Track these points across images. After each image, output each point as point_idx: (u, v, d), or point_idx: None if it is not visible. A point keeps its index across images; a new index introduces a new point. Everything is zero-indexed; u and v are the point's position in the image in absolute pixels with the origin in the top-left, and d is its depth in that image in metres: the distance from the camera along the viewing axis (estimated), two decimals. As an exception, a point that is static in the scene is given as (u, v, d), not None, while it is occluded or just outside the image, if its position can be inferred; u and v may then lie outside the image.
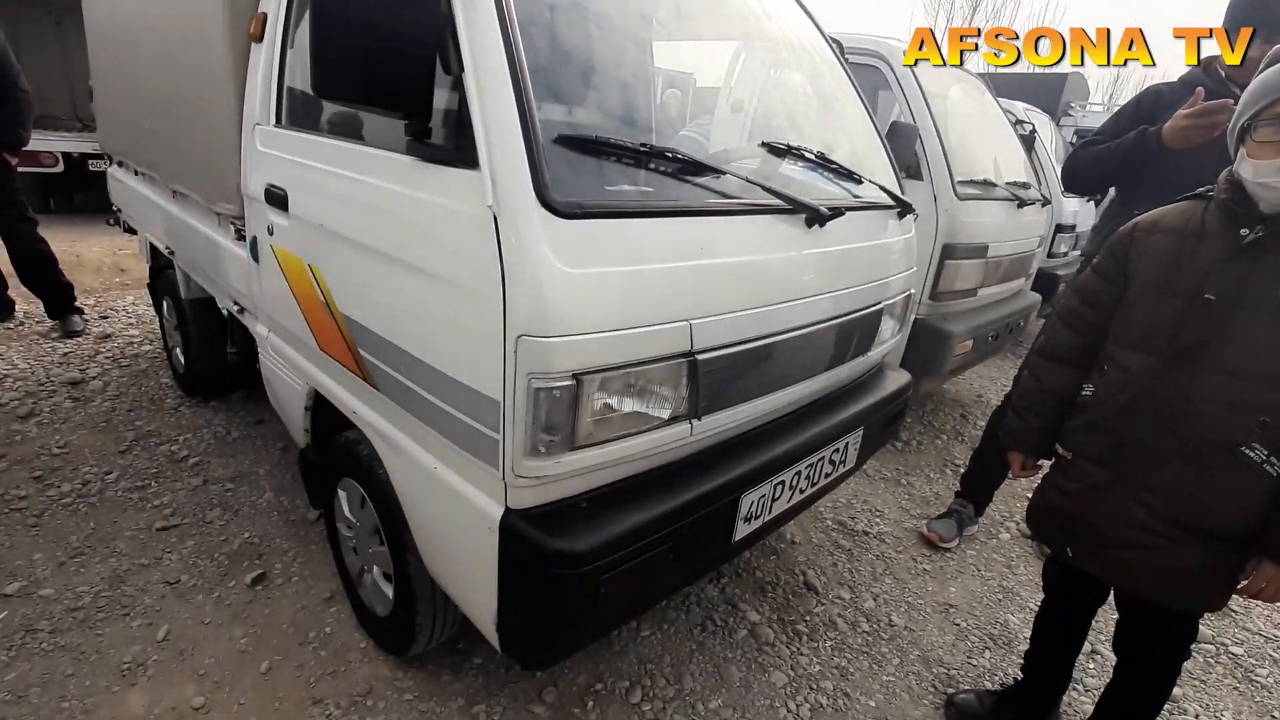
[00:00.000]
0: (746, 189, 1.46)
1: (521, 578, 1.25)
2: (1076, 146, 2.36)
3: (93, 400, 3.14)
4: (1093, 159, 2.21)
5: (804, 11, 2.17)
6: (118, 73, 2.90)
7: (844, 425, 1.81)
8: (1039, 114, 5.09)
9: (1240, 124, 1.27)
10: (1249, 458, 1.23)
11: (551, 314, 1.09)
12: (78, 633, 1.87)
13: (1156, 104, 2.15)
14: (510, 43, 1.15)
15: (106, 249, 5.81)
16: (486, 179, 1.11)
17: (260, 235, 1.86)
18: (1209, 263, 1.28)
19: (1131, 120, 2.16)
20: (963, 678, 2.01)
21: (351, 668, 1.84)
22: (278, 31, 1.76)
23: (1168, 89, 2.19)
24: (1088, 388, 1.45)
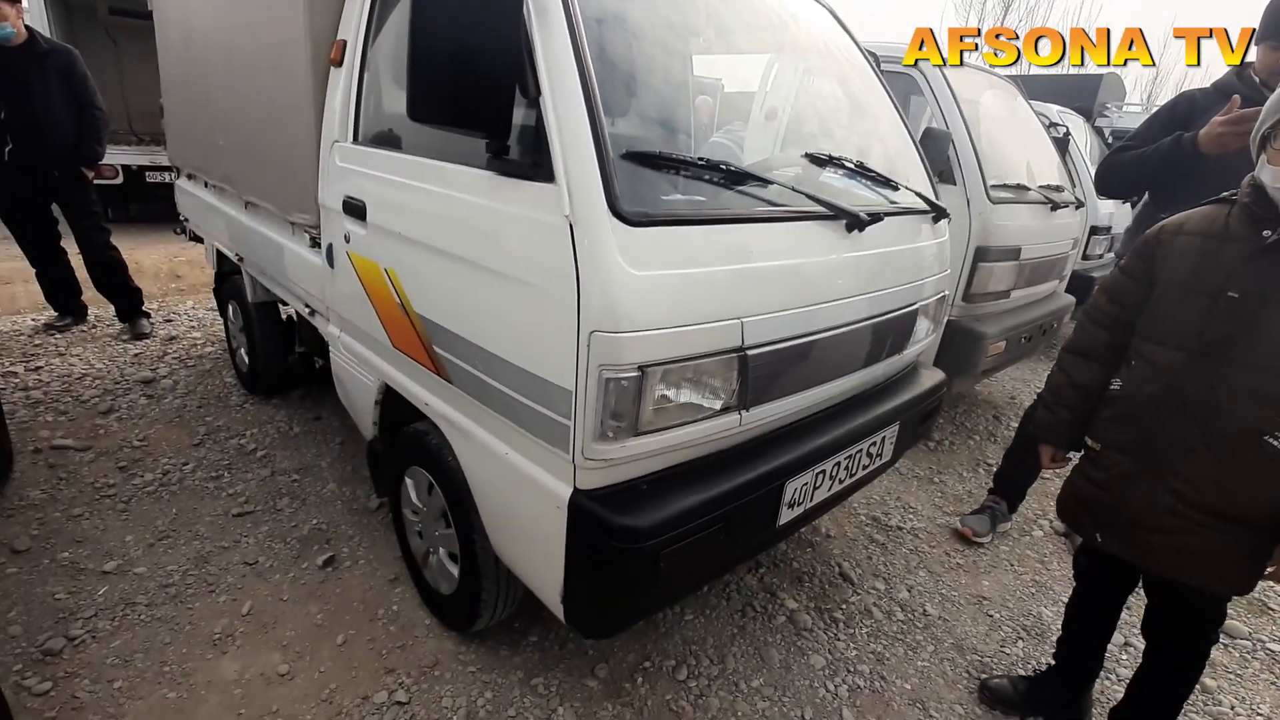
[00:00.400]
0: (790, 196, 1.58)
1: (588, 552, 1.37)
2: (1111, 151, 2.42)
3: (165, 397, 3.37)
4: (1128, 164, 2.27)
5: (841, 26, 2.28)
6: (192, 92, 3.12)
7: (881, 420, 1.90)
8: (1073, 116, 5.11)
9: (1262, 132, 1.35)
10: (1273, 447, 1.30)
11: (621, 312, 1.22)
12: (170, 606, 2.04)
13: (1190, 110, 2.21)
14: (583, 68, 1.29)
15: (162, 257, 6.13)
16: (563, 191, 1.25)
17: (336, 243, 2.02)
18: (1233, 263, 1.35)
19: (1165, 126, 2.22)
20: (996, 665, 2.08)
21: (419, 642, 1.98)
22: (356, 57, 1.93)
23: (1201, 95, 2.24)
24: (1116, 382, 1.53)
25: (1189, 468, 1.39)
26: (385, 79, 1.93)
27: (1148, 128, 2.28)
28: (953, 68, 3.14)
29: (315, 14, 1.99)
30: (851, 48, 2.26)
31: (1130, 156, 2.23)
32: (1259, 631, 2.36)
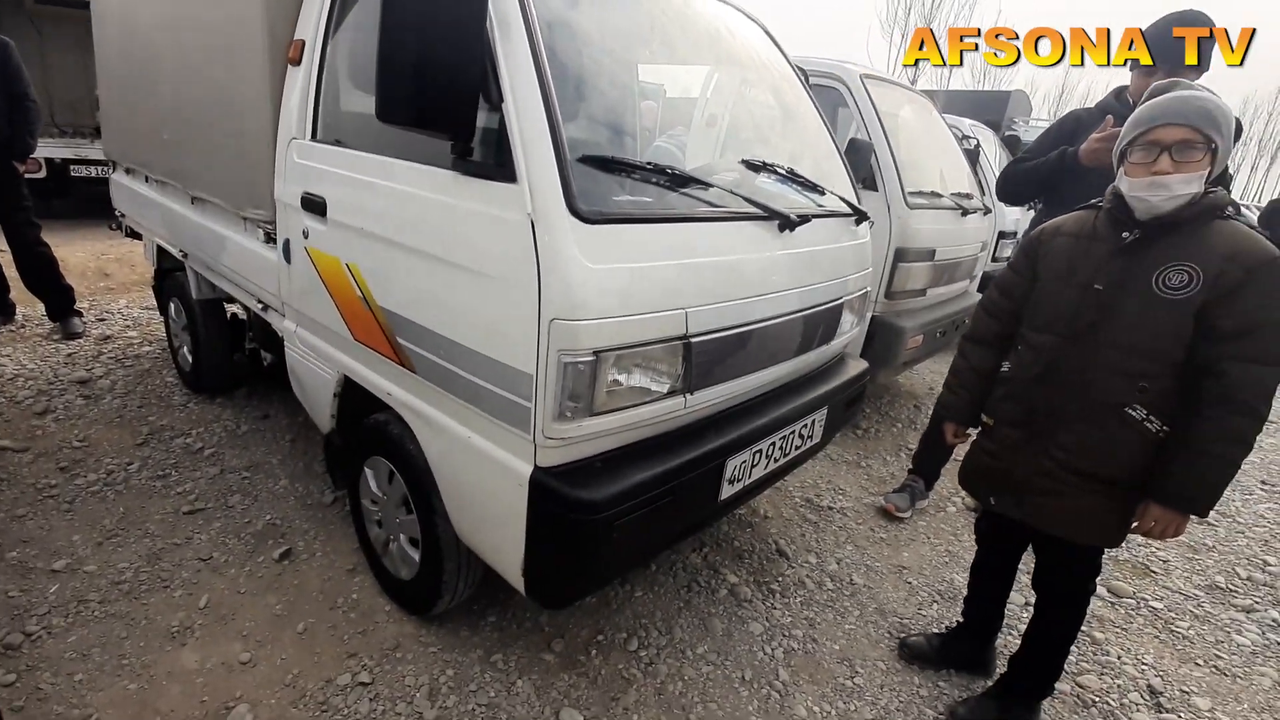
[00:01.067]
0: (728, 198, 1.74)
1: (548, 525, 1.49)
2: (1009, 163, 2.70)
3: (103, 398, 3.28)
4: (1022, 175, 2.56)
5: (773, 41, 2.47)
6: (134, 85, 3.07)
7: (811, 404, 2.09)
8: (984, 129, 5.53)
9: (1120, 148, 1.60)
10: (1132, 417, 1.54)
11: (578, 301, 1.35)
12: (125, 602, 2.04)
13: (1076, 126, 2.50)
14: (543, 77, 1.41)
15: (89, 254, 5.86)
16: (525, 191, 1.37)
17: (294, 238, 2.08)
18: (1099, 259, 1.59)
19: (1054, 140, 2.51)
20: (914, 625, 2.31)
21: (379, 627, 2.05)
22: (315, 56, 1.99)
23: (1085, 114, 2.54)
24: (1006, 365, 1.76)
25: (1066, 436, 1.62)
26: (344, 78, 2.00)
27: (1040, 142, 2.57)
28: (875, 82, 3.40)
29: (273, 13, 2.04)
30: (783, 62, 2.46)
31: (1024, 168, 2.50)
32: (1142, 591, 2.68)
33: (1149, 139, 1.50)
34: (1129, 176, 1.54)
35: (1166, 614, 2.53)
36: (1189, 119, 1.46)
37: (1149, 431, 1.53)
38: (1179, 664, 2.27)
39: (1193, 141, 1.45)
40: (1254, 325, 1.43)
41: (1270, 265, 1.43)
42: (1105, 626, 2.43)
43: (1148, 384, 1.52)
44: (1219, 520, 3.27)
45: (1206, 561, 2.91)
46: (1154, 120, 1.49)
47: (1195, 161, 1.46)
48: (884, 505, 2.96)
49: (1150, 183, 1.48)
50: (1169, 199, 1.48)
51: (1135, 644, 2.36)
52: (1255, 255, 1.43)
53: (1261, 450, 4.22)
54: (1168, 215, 1.50)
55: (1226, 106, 1.49)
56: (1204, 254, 1.46)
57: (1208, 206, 1.49)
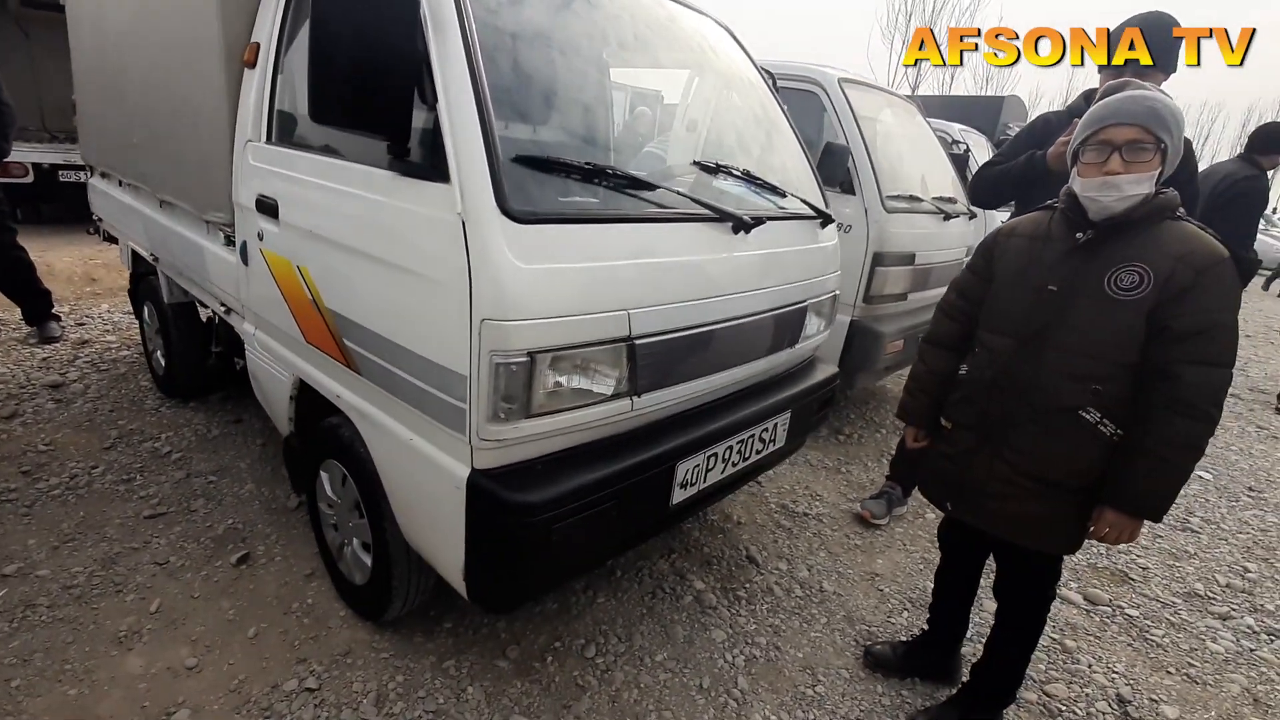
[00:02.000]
0: (679, 200, 1.72)
1: (485, 528, 1.47)
2: (981, 166, 2.68)
3: (74, 402, 3.27)
4: (993, 179, 2.53)
5: (738, 44, 2.46)
6: (106, 90, 3.07)
7: (772, 408, 2.06)
8: (975, 134, 5.51)
9: (1073, 148, 1.57)
10: (1085, 420, 1.51)
11: (509, 302, 1.33)
12: (74, 607, 2.02)
13: (1046, 129, 2.47)
14: (476, 78, 1.39)
15: (77, 259, 5.87)
16: (456, 191, 1.35)
17: (250, 241, 2.06)
18: (1052, 260, 1.56)
19: (1025, 144, 2.49)
20: (881, 633, 2.27)
21: (332, 632, 2.02)
22: (270, 58, 1.98)
23: (1055, 117, 2.52)
24: (963, 367, 1.73)
25: (1020, 440, 1.59)
26: (298, 81, 1.98)
27: (1011, 146, 2.54)
28: (854, 87, 3.38)
29: (229, 16, 2.04)
30: (749, 66, 2.44)
31: (995, 172, 2.48)
32: (1118, 599, 2.63)
33: (1100, 139, 1.48)
34: (1081, 177, 1.52)
35: (1142, 621, 2.48)
36: (1138, 118, 1.43)
37: (1103, 435, 1.50)
38: (1150, 672, 2.23)
39: (1142, 141, 1.43)
40: (1205, 327, 1.40)
41: (1219, 266, 1.40)
42: (1078, 634, 2.39)
43: (1101, 386, 1.49)
44: (1203, 527, 3.22)
45: (1187, 568, 2.86)
46: (1104, 120, 1.47)
47: (1145, 162, 1.44)
48: (860, 512, 2.92)
49: (1102, 183, 1.46)
50: (1120, 199, 1.45)
51: (1107, 652, 2.31)
52: (1205, 256, 1.41)
53: (1251, 455, 4.17)
54: (1120, 215, 1.47)
55: (1176, 106, 1.47)
56: (1155, 254, 1.44)
57: (1158, 207, 1.47)
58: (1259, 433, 4.62)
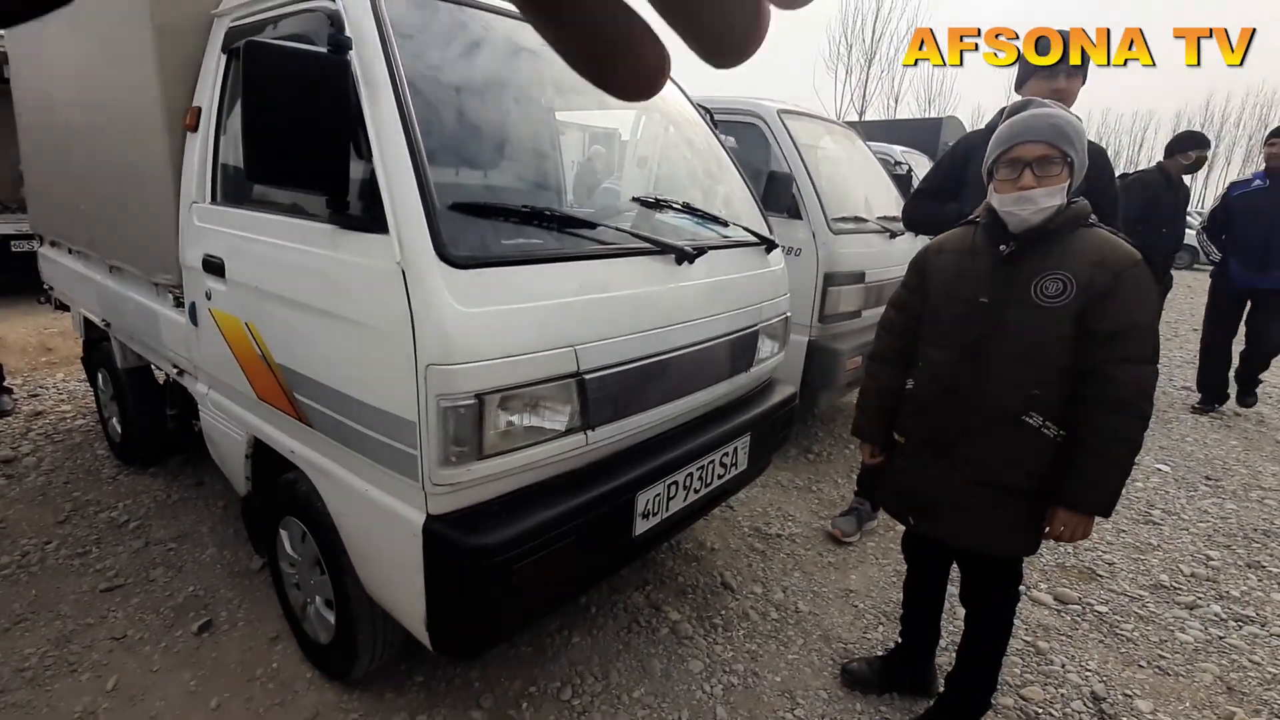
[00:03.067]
0: (620, 235, 1.77)
1: (444, 574, 1.46)
2: (912, 196, 2.77)
3: (27, 476, 3.17)
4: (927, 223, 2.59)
5: (674, 84, 2.55)
6: (53, 159, 3.07)
7: (731, 432, 2.09)
8: (916, 155, 5.71)
9: (987, 166, 1.65)
10: (1029, 424, 1.56)
11: (453, 346, 1.35)
12: (26, 691, 1.94)
13: (969, 150, 2.56)
14: (409, 131, 1.43)
15: (31, 329, 5.75)
16: (395, 241, 1.37)
17: (199, 301, 2.06)
18: (981, 273, 1.63)
19: (949, 168, 2.57)
20: (858, 650, 2.27)
21: (298, 696, 1.96)
22: (211, 121, 2.01)
23: (976, 137, 2.62)
24: (910, 381, 1.78)
25: (969, 449, 1.63)
26: (240, 142, 2.01)
27: (935, 172, 2.64)
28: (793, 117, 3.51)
29: (169, 83, 2.07)
30: (685, 103, 2.52)
31: (929, 217, 2.55)
32: (1088, 596, 2.67)
33: (1011, 157, 1.56)
34: (998, 192, 1.60)
35: (1111, 617, 2.52)
36: (1044, 135, 1.52)
37: (1046, 437, 1.56)
38: (1122, 667, 2.25)
39: (1050, 157, 1.52)
40: (1127, 326, 1.47)
41: (1134, 268, 1.48)
42: (1050, 635, 2.41)
43: (1040, 391, 1.55)
44: (1164, 518, 3.29)
45: (1151, 561, 2.92)
46: (1013, 139, 1.56)
47: (1055, 175, 1.52)
48: (830, 530, 2.94)
49: (1017, 198, 1.54)
50: (1036, 211, 1.53)
51: (1079, 651, 2.34)
52: (1120, 260, 1.49)
53: (1205, 445, 4.29)
54: (1037, 227, 1.55)
55: (1078, 122, 1.57)
56: (1074, 261, 1.51)
57: (1072, 216, 1.55)
58: (1212, 423, 4.77)
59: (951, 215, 2.45)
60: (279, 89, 1.32)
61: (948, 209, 2.45)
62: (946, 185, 2.54)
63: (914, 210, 2.70)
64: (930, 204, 2.60)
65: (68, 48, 2.68)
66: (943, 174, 2.55)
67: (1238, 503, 3.50)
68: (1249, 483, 3.75)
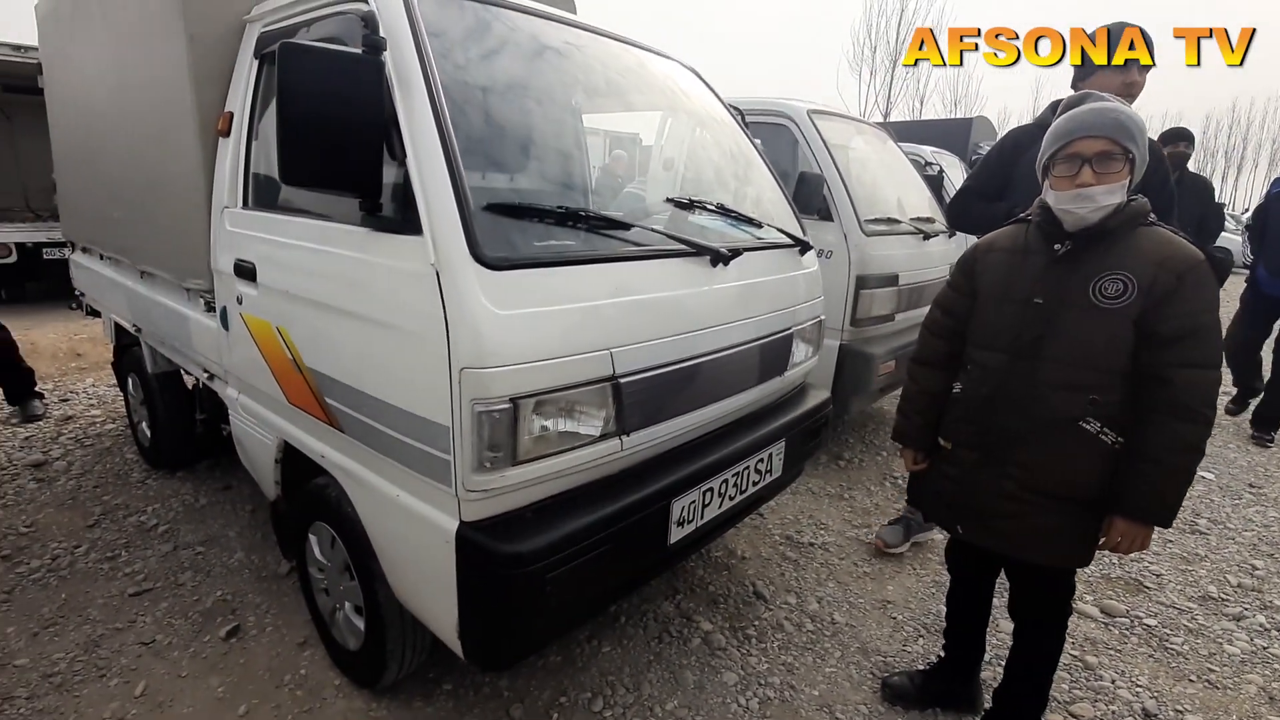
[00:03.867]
0: (654, 237, 1.73)
1: (477, 582, 1.42)
2: (957, 196, 2.67)
3: (57, 480, 3.20)
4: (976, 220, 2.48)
5: (706, 85, 2.51)
6: (85, 167, 3.10)
7: (766, 438, 2.03)
8: (947, 155, 5.61)
9: (1042, 162, 1.59)
10: (1086, 430, 1.49)
11: (487, 349, 1.31)
12: (55, 696, 1.93)
13: (1015, 148, 2.48)
14: (443, 131, 1.40)
15: (61, 335, 5.85)
16: (429, 243, 1.35)
17: (230, 305, 2.05)
18: (1034, 273, 1.57)
19: (997, 164, 2.48)
20: (898, 663, 2.20)
21: (326, 704, 1.94)
22: (243, 126, 2.00)
23: (1023, 133, 2.54)
24: (957, 385, 1.71)
25: (1021, 455, 1.56)
26: (273, 147, 1.99)
27: (982, 168, 2.55)
28: (824, 117, 3.45)
29: (202, 89, 2.06)
30: (717, 104, 2.48)
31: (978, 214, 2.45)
32: (1136, 609, 2.57)
33: (1069, 152, 1.50)
34: (1054, 190, 1.53)
35: (1160, 630, 2.42)
36: (1105, 130, 1.46)
37: (1104, 444, 1.49)
38: (1173, 682, 2.16)
39: (1111, 153, 1.45)
40: (1191, 329, 1.41)
41: (1198, 269, 1.41)
42: (1098, 649, 2.32)
43: (1098, 396, 1.48)
44: (1210, 528, 3.17)
45: (1199, 571, 2.81)
46: (1072, 134, 1.49)
47: (1116, 172, 1.46)
48: (873, 541, 2.86)
49: (1075, 195, 1.48)
50: (1095, 209, 1.47)
51: (1129, 666, 2.25)
52: (1183, 261, 1.42)
53: (1248, 452, 4.15)
54: (1095, 225, 1.49)
55: (1139, 117, 1.50)
56: (1135, 262, 1.45)
57: (1131, 215, 1.49)
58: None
59: (1001, 214, 2.37)
60: (314, 91, 1.30)
61: (996, 207, 2.37)
62: (994, 183, 2.45)
63: (962, 210, 2.61)
64: (978, 203, 2.51)
65: (101, 56, 2.71)
66: (990, 171, 2.46)
67: (1282, 511, 3.37)
68: (1297, 491, 3.61)
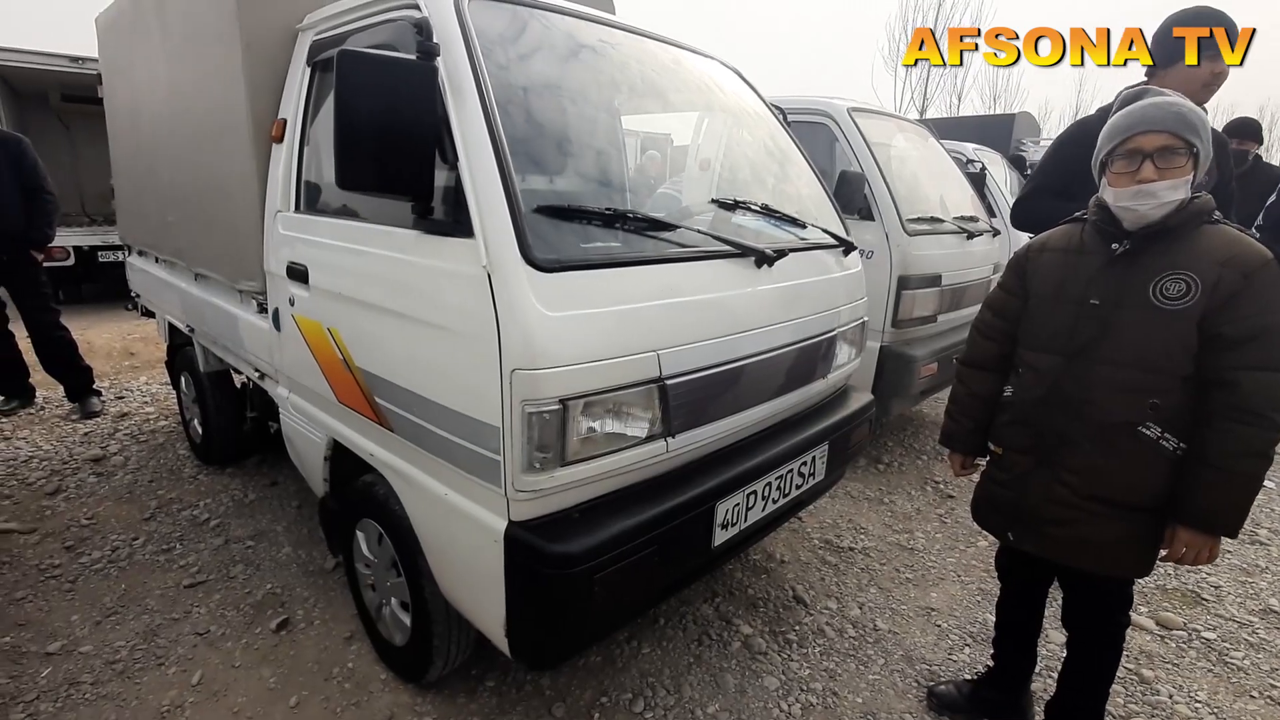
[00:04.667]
0: (699, 238, 1.72)
1: (525, 581, 1.43)
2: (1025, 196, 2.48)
3: (115, 474, 3.33)
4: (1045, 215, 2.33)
5: (747, 84, 2.49)
6: (142, 173, 3.22)
7: (809, 441, 2.01)
8: (989, 153, 5.48)
9: (1100, 159, 1.54)
10: (1146, 436, 1.44)
11: (538, 350, 1.33)
12: (117, 683, 2.01)
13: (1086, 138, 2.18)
14: (495, 136, 1.42)
15: (115, 335, 6.08)
16: (481, 245, 1.36)
17: (282, 307, 2.11)
18: (1090, 273, 1.52)
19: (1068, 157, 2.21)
20: (943, 672, 2.15)
21: (374, 697, 1.98)
22: (296, 133, 2.06)
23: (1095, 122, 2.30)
24: (1008, 389, 1.67)
25: (1076, 461, 1.52)
26: (324, 152, 2.05)
27: (1051, 160, 2.33)
28: (864, 115, 3.40)
29: (256, 96, 2.13)
30: (759, 103, 2.47)
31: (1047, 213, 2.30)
32: (1193, 621, 2.47)
33: (1129, 147, 1.45)
34: (1113, 187, 1.48)
35: (1220, 644, 2.33)
36: (1167, 125, 1.41)
37: (1165, 450, 1.44)
38: (1234, 698, 2.07)
39: (1174, 147, 1.40)
40: (1259, 331, 1.35)
41: (1266, 268, 1.36)
42: (1154, 663, 2.24)
43: (1159, 400, 1.43)
44: (1271, 538, 3.04)
45: (1260, 584, 2.69)
46: (1132, 129, 1.45)
47: (1179, 167, 1.41)
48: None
49: (1136, 191, 1.43)
50: (1157, 206, 1.42)
51: (1187, 680, 2.16)
52: (1251, 259, 1.36)
53: (1315, 462, 3.96)
54: (1157, 223, 1.43)
55: (1200, 111, 1.44)
56: (1198, 261, 1.39)
57: (1195, 212, 1.43)
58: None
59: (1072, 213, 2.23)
60: (371, 97, 1.33)
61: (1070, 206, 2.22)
62: (1073, 181, 2.18)
63: (1033, 209, 2.40)
64: (1052, 201, 2.32)
65: (158, 65, 2.81)
66: (1063, 167, 2.26)
67: (1355, 523, 3.21)
68: (1368, 502, 3.44)
